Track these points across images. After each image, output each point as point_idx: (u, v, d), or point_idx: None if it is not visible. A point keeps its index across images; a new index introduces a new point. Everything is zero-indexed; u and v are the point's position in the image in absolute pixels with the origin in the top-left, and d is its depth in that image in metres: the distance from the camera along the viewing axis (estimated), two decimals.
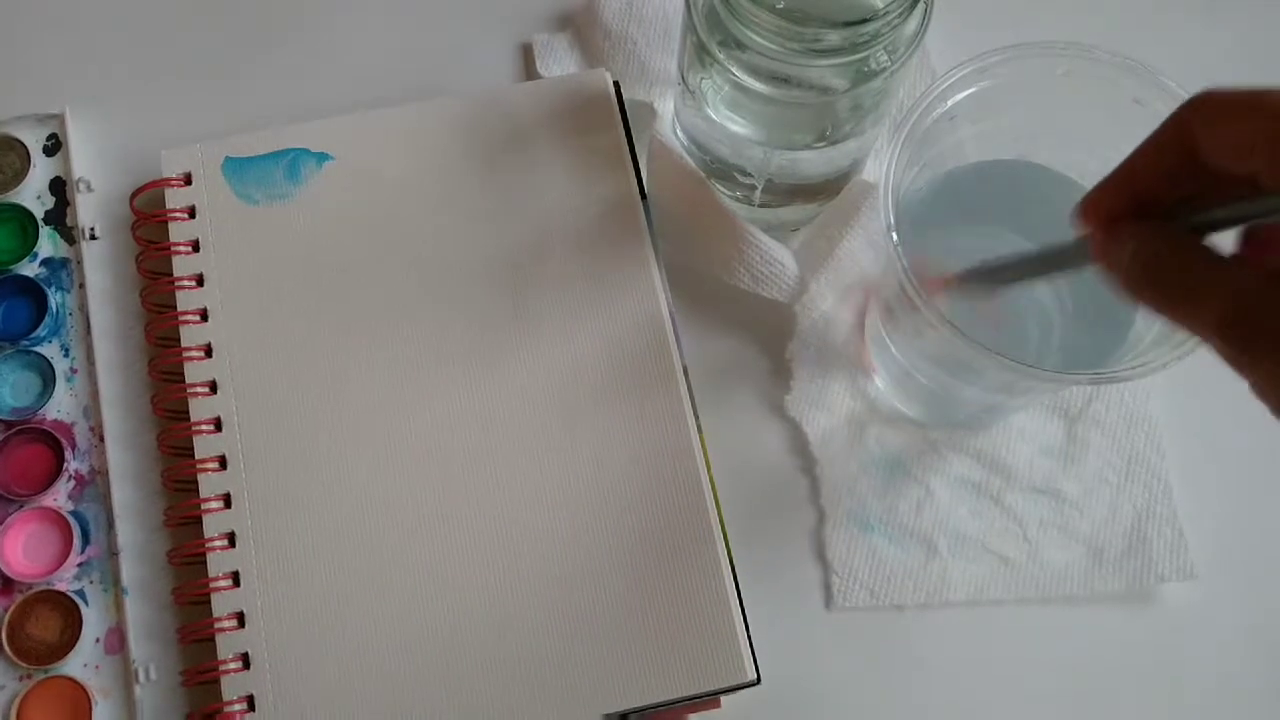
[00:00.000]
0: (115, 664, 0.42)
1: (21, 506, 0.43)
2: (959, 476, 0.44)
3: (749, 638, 0.40)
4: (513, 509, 0.41)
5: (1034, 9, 0.49)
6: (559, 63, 0.49)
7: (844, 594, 0.42)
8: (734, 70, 0.37)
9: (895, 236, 0.33)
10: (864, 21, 0.33)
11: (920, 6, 0.35)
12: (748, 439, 0.44)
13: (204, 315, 0.43)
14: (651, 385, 0.42)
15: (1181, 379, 0.44)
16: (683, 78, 0.42)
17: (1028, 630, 0.42)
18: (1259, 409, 0.45)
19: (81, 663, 0.41)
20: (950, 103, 0.34)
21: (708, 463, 0.42)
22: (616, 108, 0.46)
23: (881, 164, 0.34)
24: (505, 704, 0.39)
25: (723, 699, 0.40)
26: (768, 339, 0.45)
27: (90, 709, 0.41)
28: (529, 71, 0.49)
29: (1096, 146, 0.36)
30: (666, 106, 0.47)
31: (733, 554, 0.41)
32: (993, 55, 0.34)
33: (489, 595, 0.40)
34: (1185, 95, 0.34)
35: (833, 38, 0.34)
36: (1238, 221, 0.26)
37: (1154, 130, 0.27)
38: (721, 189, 0.45)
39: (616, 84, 0.46)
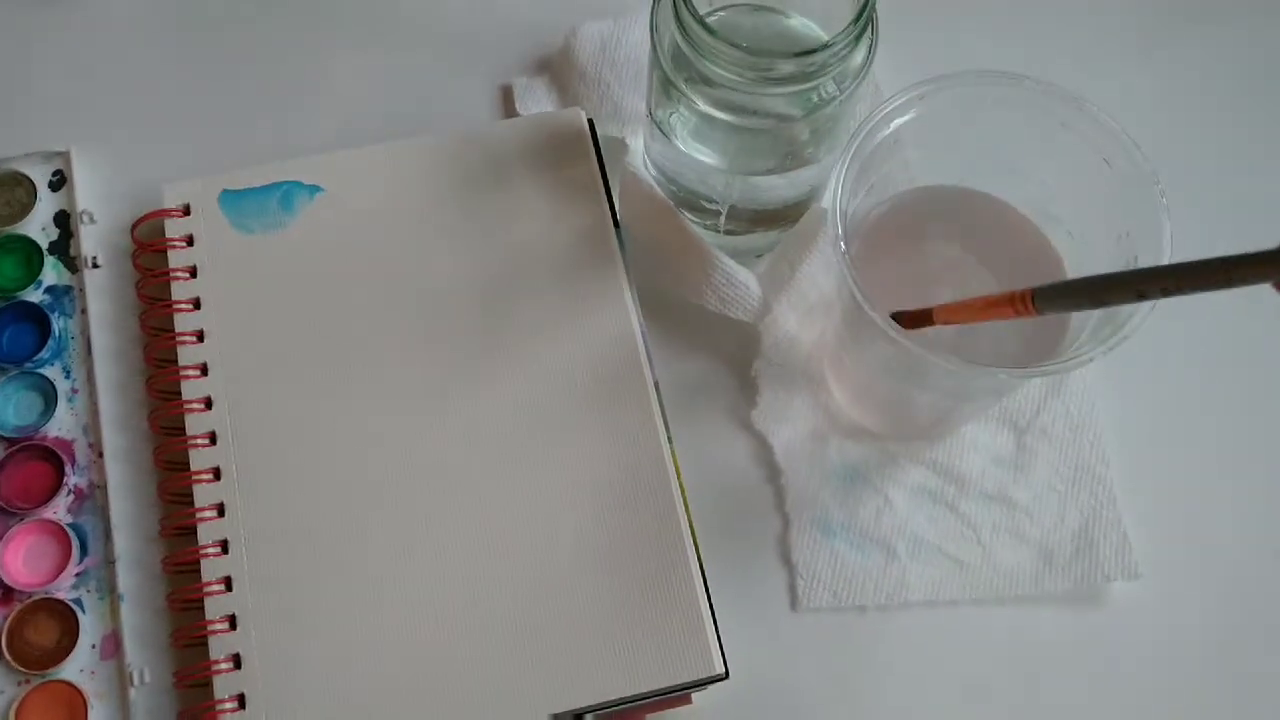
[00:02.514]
0: (110, 668, 0.43)
1: (22, 519, 0.45)
2: (916, 485, 0.46)
3: (718, 634, 0.42)
4: (497, 519, 0.43)
5: (986, 46, 0.53)
6: (538, 104, 0.52)
7: (808, 596, 0.45)
8: (698, 101, 0.40)
9: (844, 246, 0.35)
10: (812, 52, 0.36)
11: (866, 40, 0.38)
12: (717, 451, 0.47)
13: (200, 336, 0.46)
14: (625, 400, 0.45)
15: (1124, 390, 0.47)
16: (651, 113, 0.45)
17: (982, 628, 0.44)
18: (1199, 417, 0.48)
19: (78, 668, 0.43)
20: (893, 126, 0.37)
21: (678, 473, 0.44)
22: (590, 143, 0.49)
23: (831, 182, 0.37)
24: (491, 700, 0.41)
25: (693, 696, 0.42)
26: (734, 357, 0.48)
27: (86, 712, 0.42)
28: (509, 112, 0.52)
29: (1030, 170, 0.40)
30: (637, 142, 0.50)
31: (702, 558, 0.43)
32: (928, 84, 0.37)
33: (472, 599, 0.42)
34: (1109, 120, 0.37)
35: (785, 68, 0.37)
36: None
37: None
38: (690, 218, 0.48)
39: (591, 121, 0.49)
